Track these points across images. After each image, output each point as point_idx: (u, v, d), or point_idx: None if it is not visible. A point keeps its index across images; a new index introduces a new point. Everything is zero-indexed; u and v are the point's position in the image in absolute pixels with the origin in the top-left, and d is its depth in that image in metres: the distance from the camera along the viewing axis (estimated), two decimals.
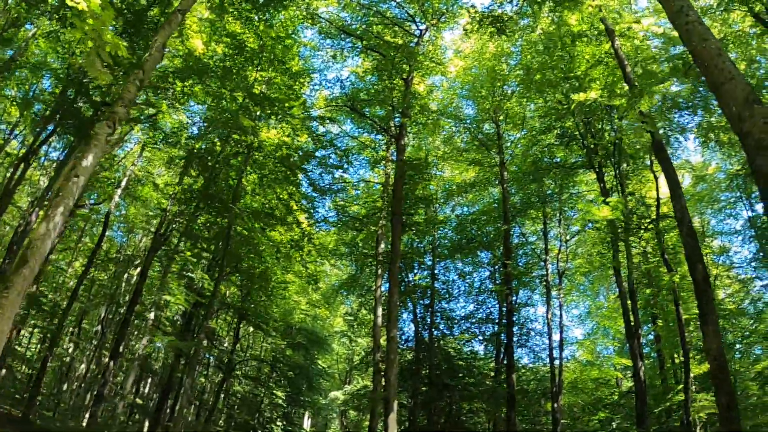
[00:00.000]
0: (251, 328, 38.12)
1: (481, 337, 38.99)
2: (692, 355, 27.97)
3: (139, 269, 28.95)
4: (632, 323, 26.01)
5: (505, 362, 36.05)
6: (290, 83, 22.47)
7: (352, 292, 36.85)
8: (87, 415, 29.62)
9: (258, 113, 20.76)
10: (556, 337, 33.73)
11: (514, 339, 36.04)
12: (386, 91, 25.43)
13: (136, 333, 34.56)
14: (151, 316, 29.26)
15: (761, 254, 33.41)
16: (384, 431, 22.63)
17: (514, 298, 31.53)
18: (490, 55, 31.47)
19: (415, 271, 37.05)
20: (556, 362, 32.46)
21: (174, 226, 27.19)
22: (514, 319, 33.82)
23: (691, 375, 27.68)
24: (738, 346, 33.52)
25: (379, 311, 27.17)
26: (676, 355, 34.73)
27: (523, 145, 33.15)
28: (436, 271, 37.43)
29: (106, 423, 31.34)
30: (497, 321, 36.64)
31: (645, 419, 24.30)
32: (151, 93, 21.70)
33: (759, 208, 34.68)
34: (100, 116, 16.80)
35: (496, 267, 37.28)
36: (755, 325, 32.33)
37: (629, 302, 26.68)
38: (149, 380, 43.05)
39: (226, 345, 37.87)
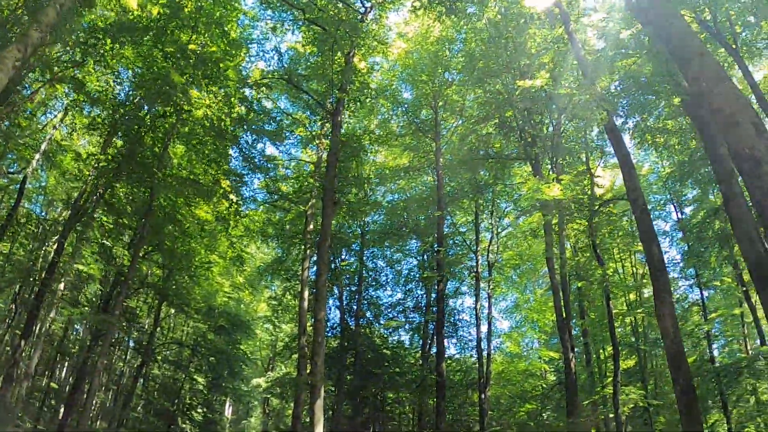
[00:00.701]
0: (172, 311, 36.41)
1: (407, 327, 38.53)
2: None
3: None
4: (563, 315, 25.80)
5: (433, 351, 35.70)
6: (227, 49, 20.98)
7: (277, 275, 35.68)
8: None
9: (190, 74, 19.26)
10: (484, 328, 33.47)
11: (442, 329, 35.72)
12: (326, 67, 24.37)
13: (54, 313, 32.37)
14: (61, 287, 27.05)
15: (687, 255, 33.85)
16: (309, 419, 21.58)
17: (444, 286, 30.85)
18: (434, 39, 30.79)
19: (343, 256, 36.16)
20: (484, 353, 32.17)
21: (94, 197, 25.44)
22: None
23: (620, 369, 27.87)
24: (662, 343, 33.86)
25: (306, 294, 26.12)
26: (602, 351, 35.03)
27: (460, 133, 32.61)
28: (364, 258, 36.66)
29: (11, 408, 29.33)
30: (424, 311, 36.19)
31: (575, 410, 24.11)
32: (79, 51, 20.08)
33: (688, 210, 35.24)
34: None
35: (426, 255, 36.80)
36: (680, 322, 32.74)
37: (561, 294, 26.56)
38: (66, 363, 40.67)
39: (145, 328, 36.05)
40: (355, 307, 36.51)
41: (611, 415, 29.66)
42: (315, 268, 30.17)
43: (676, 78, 13.22)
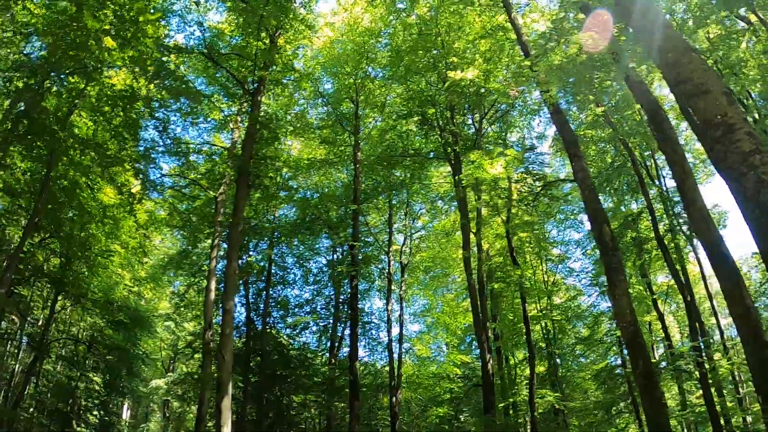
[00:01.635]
0: (68, 304, 33.71)
1: (315, 328, 37.35)
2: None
3: None
4: (480, 316, 25.36)
5: (341, 354, 34.68)
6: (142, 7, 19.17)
7: (182, 270, 33.82)
8: None
9: (107, 23, 17.43)
10: (394, 331, 32.77)
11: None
12: (249, 46, 23.11)
13: None
14: None
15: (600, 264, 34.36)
16: (216, 420, 20.02)
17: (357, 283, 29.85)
18: (361, 29, 30.00)
19: (251, 252, 34.63)
20: (395, 356, 31.46)
21: None
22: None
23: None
24: (571, 349, 34.33)
25: (213, 285, 24.49)
26: (511, 357, 34.95)
27: (380, 128, 31.95)
28: (273, 256, 35.25)
29: None
30: (333, 311, 35.16)
31: (492, 411, 23.66)
32: None
33: None
34: None
35: (338, 253, 35.85)
36: (593, 328, 33.20)
37: (478, 296, 26.15)
38: None
39: (39, 322, 33.18)
40: (261, 306, 35.04)
41: (527, 419, 29.63)
42: (223, 259, 28.96)
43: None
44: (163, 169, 27.84)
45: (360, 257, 30.50)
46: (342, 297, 34.12)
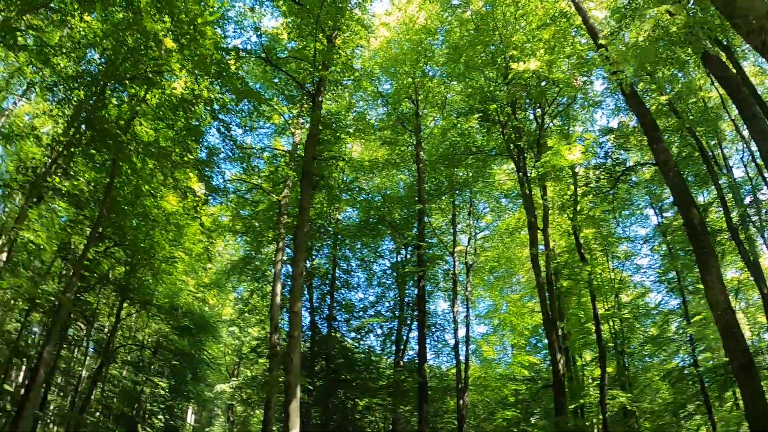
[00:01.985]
0: (134, 311, 34.22)
1: (379, 331, 37.09)
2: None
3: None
4: (549, 315, 24.61)
5: (406, 357, 34.28)
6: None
7: (245, 275, 33.96)
8: None
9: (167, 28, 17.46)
10: (461, 332, 32.23)
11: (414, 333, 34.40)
12: (307, 48, 22.99)
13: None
14: (3, 257, 24.37)
15: (667, 259, 33.18)
16: (284, 423, 19.68)
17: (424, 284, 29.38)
18: (418, 27, 29.67)
19: (314, 256, 34.55)
20: (462, 358, 30.90)
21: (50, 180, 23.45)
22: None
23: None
24: (640, 349, 33.30)
25: (278, 288, 24.40)
26: (578, 357, 34.04)
27: (441, 127, 31.52)
28: (336, 258, 35.12)
29: None
30: (398, 314, 34.80)
31: (563, 412, 22.87)
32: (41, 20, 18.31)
33: (668, 214, 34.60)
34: None
35: (402, 254, 35.55)
36: (662, 327, 32.10)
37: (547, 294, 25.38)
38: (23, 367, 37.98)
39: (105, 329, 33.77)
40: (326, 310, 34.94)
41: (595, 421, 28.72)
42: (286, 264, 28.91)
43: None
44: (225, 175, 27.92)
45: (426, 258, 30.05)
46: (407, 299, 33.76)
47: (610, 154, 25.12)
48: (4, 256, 23.80)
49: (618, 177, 24.09)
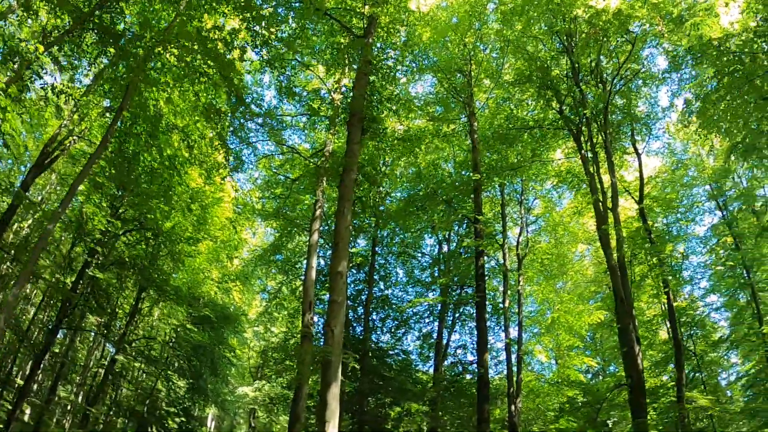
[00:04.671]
0: (150, 301, 31.31)
1: (415, 332, 34.05)
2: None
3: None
4: (623, 301, 21.27)
5: (445, 363, 31.13)
6: None
7: (273, 265, 31.16)
8: None
9: None
10: (512, 332, 29.01)
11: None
12: None
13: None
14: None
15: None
16: (318, 412, 15.86)
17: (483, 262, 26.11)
18: None
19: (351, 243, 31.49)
20: (514, 359, 27.66)
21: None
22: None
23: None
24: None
25: (314, 261, 21.32)
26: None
27: (496, 98, 28.67)
28: (377, 247, 32.13)
29: None
30: (438, 314, 31.81)
31: (643, 415, 19.35)
32: None
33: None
34: None
35: (445, 246, 32.72)
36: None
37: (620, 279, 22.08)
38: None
39: (118, 314, 30.75)
40: (360, 310, 31.80)
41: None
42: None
43: None
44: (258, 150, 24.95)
45: (486, 230, 26.87)
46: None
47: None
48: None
49: None
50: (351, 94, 18.51)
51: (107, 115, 21.38)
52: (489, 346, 29.99)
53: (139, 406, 30.78)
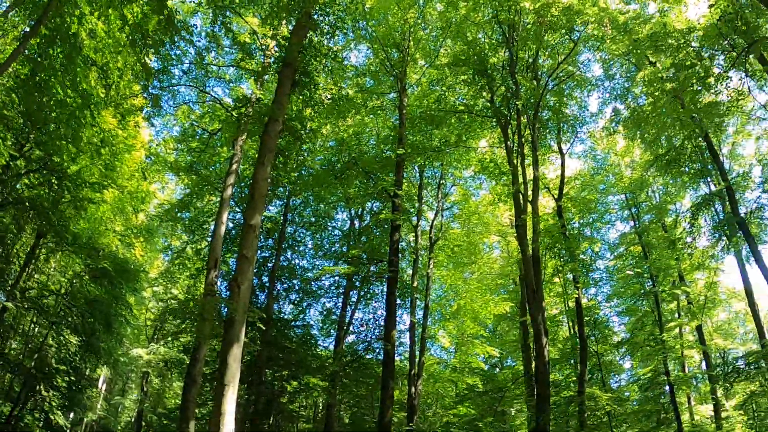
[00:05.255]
0: (47, 250, 29.18)
1: (318, 305, 33.41)
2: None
3: None
4: (534, 293, 21.30)
5: (346, 341, 30.62)
6: None
7: (180, 222, 29.99)
8: None
9: None
10: (418, 314, 28.77)
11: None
12: None
13: None
14: None
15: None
16: (218, 372, 14.60)
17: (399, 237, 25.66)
18: None
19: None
20: (417, 340, 27.44)
21: None
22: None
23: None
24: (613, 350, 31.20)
25: (224, 216, 20.38)
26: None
27: (428, 78, 28.29)
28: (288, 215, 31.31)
29: None
30: (343, 291, 31.25)
31: (546, 408, 19.35)
32: None
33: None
34: None
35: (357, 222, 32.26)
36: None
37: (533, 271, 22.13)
38: None
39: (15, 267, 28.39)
40: (265, 278, 30.77)
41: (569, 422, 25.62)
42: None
43: None
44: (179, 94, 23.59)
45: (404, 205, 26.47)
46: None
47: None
48: None
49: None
50: (286, 44, 17.53)
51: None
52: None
53: (27, 361, 28.69)
